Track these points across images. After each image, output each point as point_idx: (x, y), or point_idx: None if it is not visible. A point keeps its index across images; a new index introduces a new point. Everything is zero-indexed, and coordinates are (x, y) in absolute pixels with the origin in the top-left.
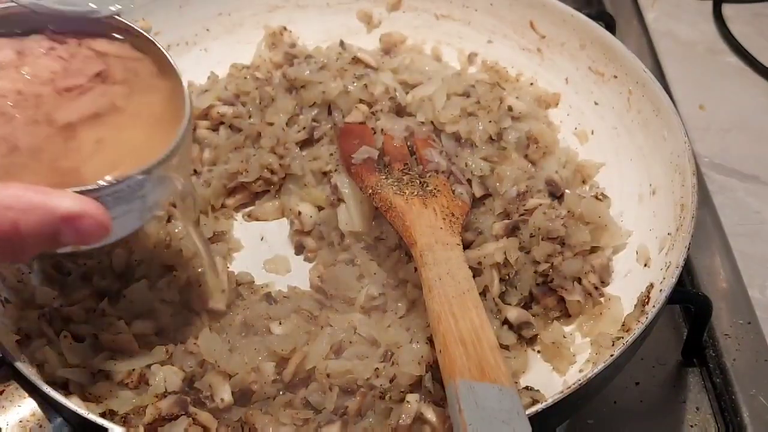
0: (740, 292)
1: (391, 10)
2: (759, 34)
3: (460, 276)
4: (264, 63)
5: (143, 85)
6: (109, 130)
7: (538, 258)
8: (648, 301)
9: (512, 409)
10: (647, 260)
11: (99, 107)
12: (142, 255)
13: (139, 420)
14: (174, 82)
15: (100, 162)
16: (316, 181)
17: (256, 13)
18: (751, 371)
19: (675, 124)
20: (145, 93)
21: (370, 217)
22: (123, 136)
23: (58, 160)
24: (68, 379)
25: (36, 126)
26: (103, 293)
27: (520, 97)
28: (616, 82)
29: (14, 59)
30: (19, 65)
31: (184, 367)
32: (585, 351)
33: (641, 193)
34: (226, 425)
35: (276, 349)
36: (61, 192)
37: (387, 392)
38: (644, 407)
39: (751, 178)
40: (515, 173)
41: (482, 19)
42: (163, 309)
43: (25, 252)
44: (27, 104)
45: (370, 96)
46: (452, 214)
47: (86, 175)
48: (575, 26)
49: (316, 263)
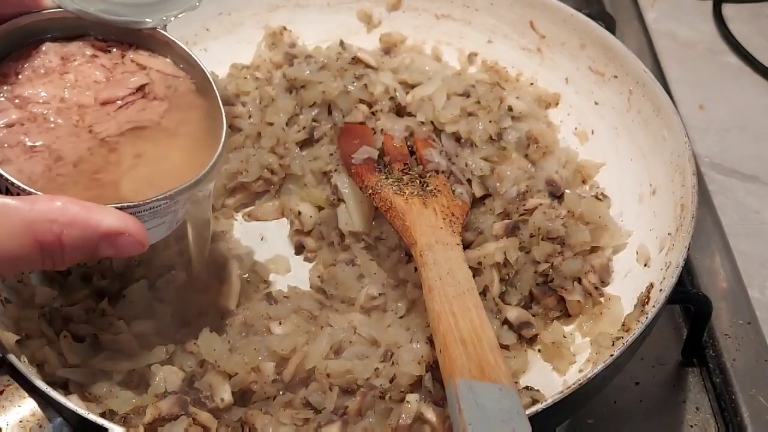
0: (740, 292)
1: (391, 10)
2: (759, 34)
3: (460, 276)
4: (264, 63)
5: (182, 103)
6: (148, 146)
7: (538, 258)
8: (648, 301)
9: (512, 408)
10: (647, 260)
11: (139, 122)
12: (142, 255)
13: (139, 420)
14: (211, 101)
15: (138, 177)
16: (316, 181)
17: (256, 13)
18: (751, 371)
19: (675, 124)
20: (184, 110)
21: (370, 217)
22: (161, 153)
23: (99, 173)
24: (68, 379)
25: (78, 137)
26: (102, 293)
27: (520, 97)
28: (616, 82)
29: (59, 65)
30: (63, 72)
31: (184, 367)
32: (585, 351)
33: (641, 193)
34: (226, 425)
35: (276, 349)
36: (103, 209)
37: (387, 392)
38: (644, 407)
39: (751, 178)
40: (515, 173)
41: (482, 19)
42: (163, 309)
43: (64, 262)
44: (69, 113)
45: (370, 96)
46: (452, 214)
47: (125, 189)
48: (575, 26)
49: (316, 263)
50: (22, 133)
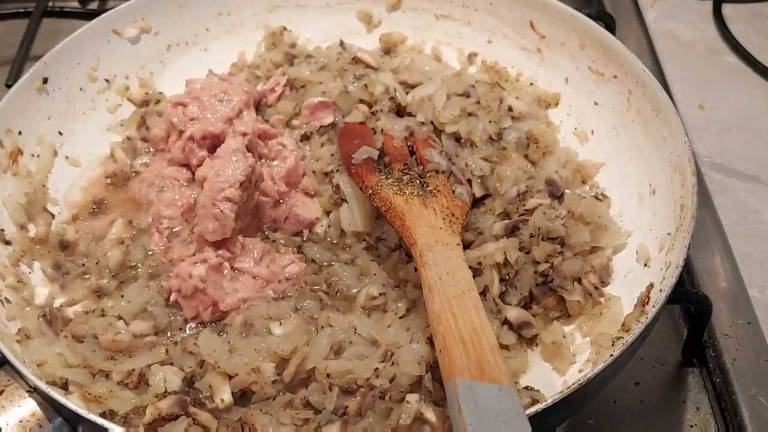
0: (740, 292)
1: (391, 10)
2: (759, 34)
3: (460, 276)
4: (264, 63)
5: None
6: None
7: (538, 258)
8: (648, 301)
9: (512, 408)
10: (647, 260)
11: None
12: (141, 255)
13: (139, 420)
14: None
15: None
16: (318, 181)
17: (256, 13)
18: (751, 371)
19: (675, 124)
20: None
21: (372, 217)
22: None
23: None
24: (68, 379)
25: None
26: (101, 293)
27: (520, 97)
28: (616, 82)
29: None
30: None
31: (184, 367)
32: (585, 351)
33: (641, 193)
34: (226, 425)
35: (276, 350)
36: None
37: (387, 392)
38: (644, 407)
39: (751, 178)
40: (515, 173)
41: (482, 19)
42: (161, 309)
43: None
44: None
45: (370, 96)
46: (452, 214)
47: None
48: (575, 26)
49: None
50: None
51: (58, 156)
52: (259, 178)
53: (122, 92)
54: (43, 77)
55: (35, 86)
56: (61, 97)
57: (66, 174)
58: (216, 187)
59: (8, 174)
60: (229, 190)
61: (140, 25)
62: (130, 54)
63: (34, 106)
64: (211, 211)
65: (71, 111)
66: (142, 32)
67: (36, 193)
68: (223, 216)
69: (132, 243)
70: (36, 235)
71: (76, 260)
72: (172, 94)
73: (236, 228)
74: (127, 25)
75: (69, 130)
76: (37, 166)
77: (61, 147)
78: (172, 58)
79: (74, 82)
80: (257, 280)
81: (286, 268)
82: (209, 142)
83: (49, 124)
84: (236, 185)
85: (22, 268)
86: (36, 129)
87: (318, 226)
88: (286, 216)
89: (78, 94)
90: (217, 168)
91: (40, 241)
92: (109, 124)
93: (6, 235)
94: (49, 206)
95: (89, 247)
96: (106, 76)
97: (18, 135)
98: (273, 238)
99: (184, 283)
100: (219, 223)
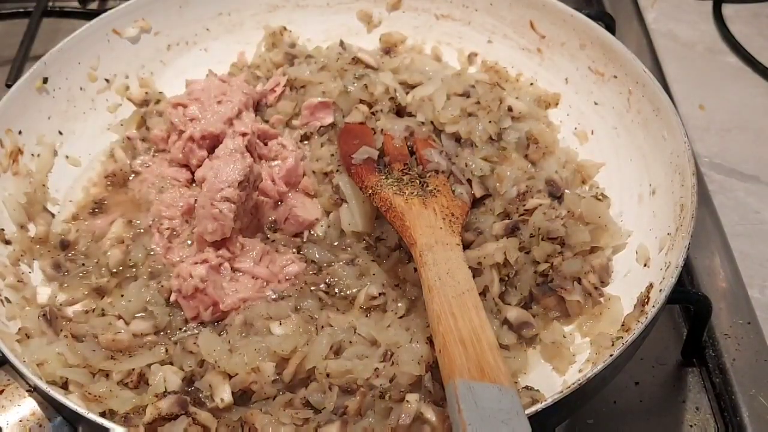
0: (740, 292)
1: (391, 10)
2: (759, 34)
3: (459, 276)
4: (264, 63)
5: None
6: None
7: (538, 258)
8: (648, 301)
9: (512, 408)
10: (647, 260)
11: None
12: (141, 255)
13: (139, 419)
14: None
15: None
16: (318, 181)
17: (256, 13)
18: (750, 371)
19: (675, 124)
20: None
21: (372, 217)
22: None
23: None
24: (68, 379)
25: None
26: (101, 292)
27: (520, 97)
28: (616, 82)
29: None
30: None
31: (184, 366)
32: (585, 351)
33: (641, 193)
34: (226, 425)
35: (276, 350)
36: None
37: (387, 392)
38: (644, 407)
39: (751, 178)
40: (515, 173)
41: (482, 19)
42: (161, 309)
43: None
44: None
45: (370, 96)
46: (452, 214)
47: None
48: (575, 26)
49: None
50: None
51: (58, 155)
52: (257, 178)
53: (122, 92)
54: (43, 77)
55: (35, 86)
56: (61, 97)
57: (66, 173)
58: (214, 187)
59: (8, 173)
60: (228, 190)
61: (140, 25)
62: (130, 54)
63: (34, 105)
64: (210, 212)
65: (71, 110)
66: (142, 32)
67: (36, 193)
68: (222, 216)
69: (132, 243)
70: (36, 234)
71: (76, 260)
72: (172, 94)
73: (236, 228)
74: (127, 24)
75: (69, 129)
76: (37, 166)
77: (61, 146)
78: (172, 58)
79: (74, 82)
80: (257, 280)
81: (286, 269)
82: (209, 142)
83: (49, 124)
84: (234, 185)
85: (22, 267)
86: (36, 128)
87: (318, 227)
88: (286, 217)
89: (78, 93)
90: (215, 168)
91: (40, 241)
92: (109, 123)
93: (6, 234)
94: (49, 206)
95: (89, 247)
96: (106, 76)
97: (18, 134)
98: (273, 239)
99: (185, 283)
100: (218, 224)
